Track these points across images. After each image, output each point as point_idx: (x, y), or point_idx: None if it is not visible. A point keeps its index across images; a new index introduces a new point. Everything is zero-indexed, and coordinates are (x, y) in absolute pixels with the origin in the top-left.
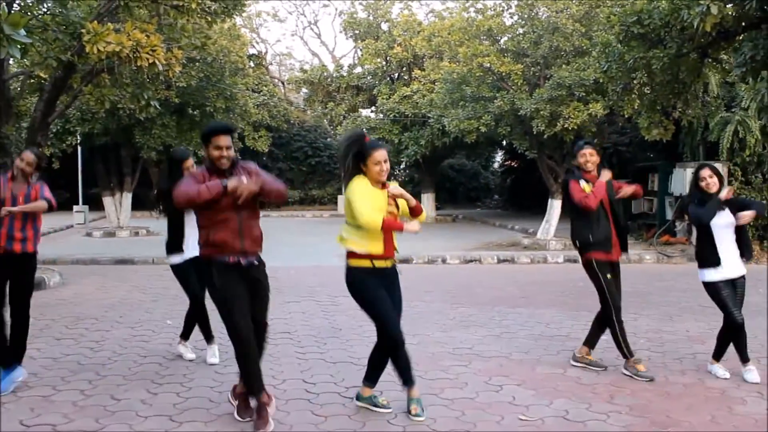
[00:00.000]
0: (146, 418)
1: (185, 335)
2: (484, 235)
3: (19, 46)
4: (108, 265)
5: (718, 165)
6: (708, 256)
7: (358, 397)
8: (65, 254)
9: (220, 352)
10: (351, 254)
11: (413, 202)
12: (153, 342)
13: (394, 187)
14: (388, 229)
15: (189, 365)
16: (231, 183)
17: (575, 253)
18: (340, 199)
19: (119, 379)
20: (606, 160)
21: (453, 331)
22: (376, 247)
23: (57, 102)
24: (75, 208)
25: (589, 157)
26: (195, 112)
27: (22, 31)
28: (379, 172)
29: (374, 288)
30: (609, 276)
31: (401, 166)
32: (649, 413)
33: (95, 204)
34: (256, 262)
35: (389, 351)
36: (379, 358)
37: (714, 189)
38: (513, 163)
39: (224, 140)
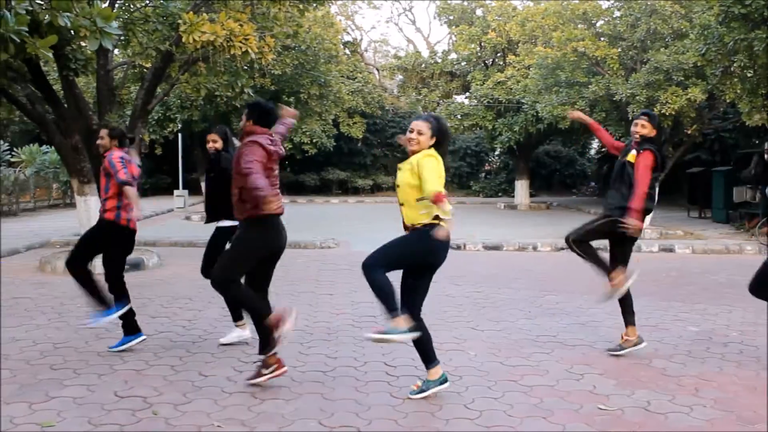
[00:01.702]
0: (230, 394)
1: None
2: (578, 222)
3: (111, 39)
4: (203, 248)
5: None
6: None
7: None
8: (164, 237)
9: (306, 334)
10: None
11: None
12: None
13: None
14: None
15: None
16: None
17: (671, 242)
18: None
19: (208, 357)
20: (708, 147)
21: (538, 319)
22: (403, 218)
23: (156, 90)
24: (175, 192)
25: (637, 127)
26: (290, 99)
27: (114, 24)
28: (406, 141)
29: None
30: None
31: (495, 153)
32: (735, 408)
33: (195, 188)
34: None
35: None
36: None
37: None
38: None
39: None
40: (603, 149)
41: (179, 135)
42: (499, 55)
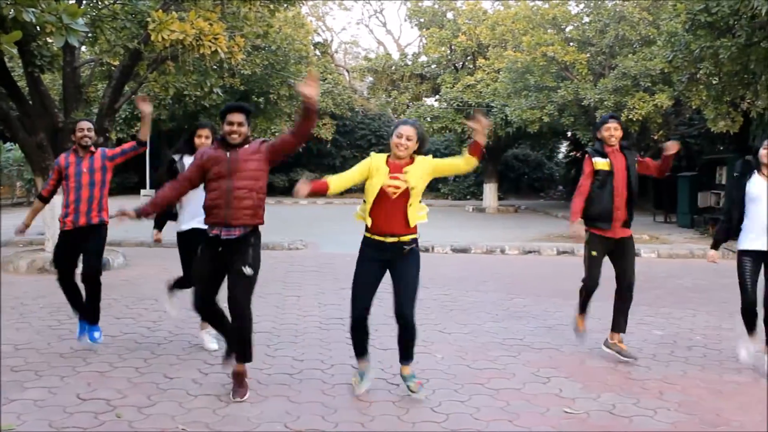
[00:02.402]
0: (196, 396)
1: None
2: (545, 226)
3: (78, 36)
4: (171, 248)
5: None
6: None
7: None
8: (130, 236)
9: (273, 336)
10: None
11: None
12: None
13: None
14: (315, 186)
15: None
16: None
17: (636, 246)
18: None
19: (173, 359)
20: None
21: (505, 322)
22: (378, 226)
23: (124, 89)
24: (142, 192)
25: (613, 131)
26: (259, 100)
27: (81, 20)
28: (396, 145)
29: (362, 260)
30: (595, 252)
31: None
32: (698, 411)
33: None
34: (236, 235)
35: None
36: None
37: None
38: (578, 154)
39: (236, 117)
40: (571, 153)
41: None
42: (469, 58)
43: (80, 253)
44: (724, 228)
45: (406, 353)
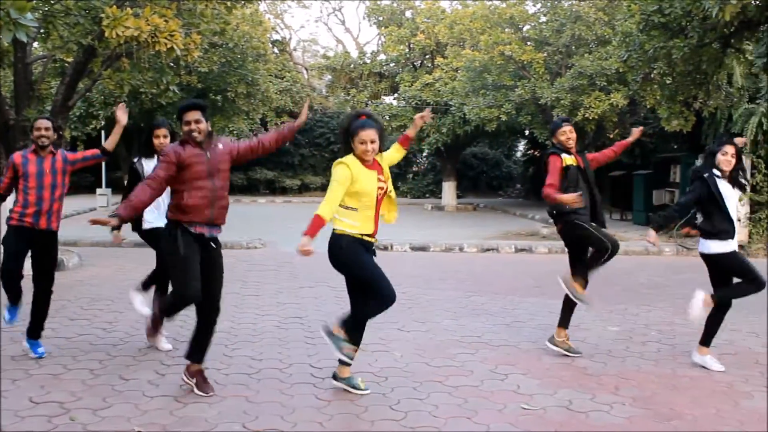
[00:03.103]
0: (152, 398)
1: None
2: (503, 224)
3: (26, 31)
4: (127, 248)
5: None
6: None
7: (335, 377)
8: (86, 236)
9: (231, 335)
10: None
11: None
12: (165, 324)
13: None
14: (315, 230)
15: None
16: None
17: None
18: None
19: (129, 360)
20: (628, 151)
21: (463, 319)
22: (368, 228)
23: (78, 86)
24: (98, 191)
25: (569, 134)
26: (217, 97)
27: (29, 15)
28: (364, 152)
29: (362, 253)
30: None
31: (423, 154)
32: (653, 405)
33: (118, 187)
34: (217, 234)
35: (381, 308)
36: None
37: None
38: (535, 153)
39: (192, 115)
40: (529, 152)
41: (102, 132)
42: (427, 57)
43: (28, 252)
44: (674, 217)
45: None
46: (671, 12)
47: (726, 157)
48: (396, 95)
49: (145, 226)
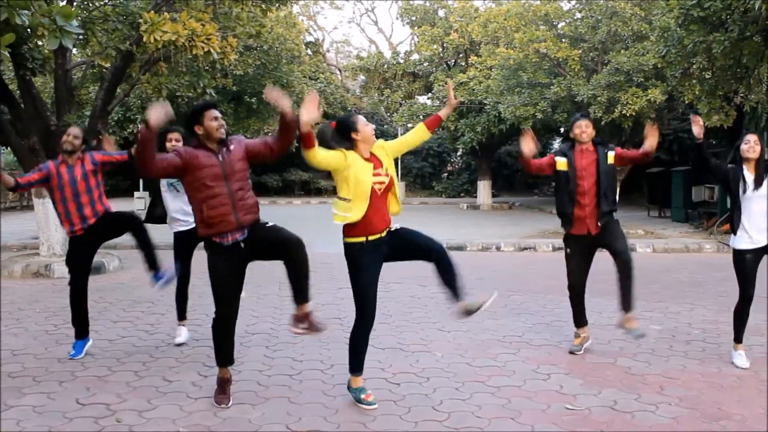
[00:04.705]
0: (196, 399)
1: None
2: (540, 222)
3: (71, 38)
4: (166, 250)
5: None
6: None
7: (348, 387)
8: (125, 240)
9: (272, 337)
10: (345, 231)
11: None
12: (205, 326)
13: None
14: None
15: (239, 349)
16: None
17: (632, 242)
18: None
19: (172, 362)
20: (666, 147)
21: (503, 319)
22: (358, 212)
23: (116, 91)
24: (135, 194)
25: (585, 128)
26: (252, 100)
27: (74, 22)
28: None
29: (366, 267)
30: (569, 250)
31: (458, 153)
32: (699, 405)
33: (155, 190)
34: (247, 233)
35: (360, 331)
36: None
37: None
38: None
39: (214, 113)
40: None
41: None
42: (461, 55)
43: (94, 254)
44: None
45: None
46: (711, 6)
47: (749, 145)
48: (430, 95)
49: (176, 228)
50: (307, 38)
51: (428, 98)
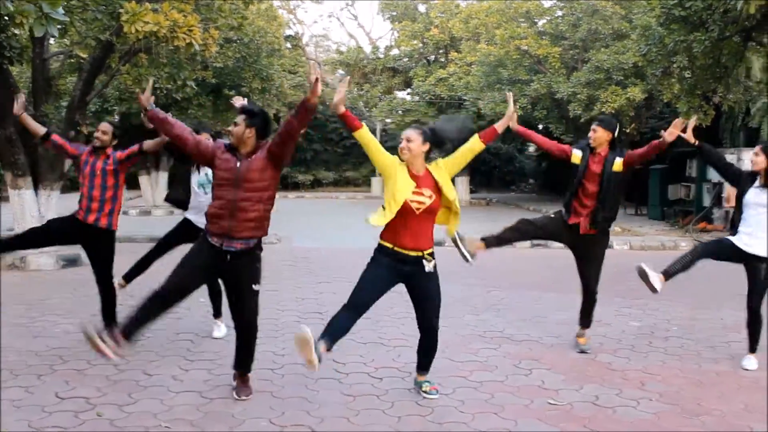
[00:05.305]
0: (177, 393)
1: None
2: (517, 219)
3: (57, 25)
4: (143, 242)
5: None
6: None
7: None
8: (143, 231)
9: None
10: (381, 233)
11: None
12: (186, 319)
13: None
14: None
15: (220, 342)
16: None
17: (611, 239)
18: (374, 180)
19: (152, 356)
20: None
21: (484, 314)
22: (382, 219)
23: (95, 81)
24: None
25: (592, 134)
26: (231, 93)
27: (60, 10)
28: (400, 150)
29: (377, 265)
30: (553, 215)
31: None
32: (679, 401)
33: (132, 183)
34: (238, 248)
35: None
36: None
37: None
38: None
39: (238, 117)
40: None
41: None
42: (441, 51)
43: (60, 238)
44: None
45: (426, 362)
46: (692, 5)
47: (757, 158)
48: (409, 90)
49: (189, 216)
50: (287, 32)
51: (407, 93)
